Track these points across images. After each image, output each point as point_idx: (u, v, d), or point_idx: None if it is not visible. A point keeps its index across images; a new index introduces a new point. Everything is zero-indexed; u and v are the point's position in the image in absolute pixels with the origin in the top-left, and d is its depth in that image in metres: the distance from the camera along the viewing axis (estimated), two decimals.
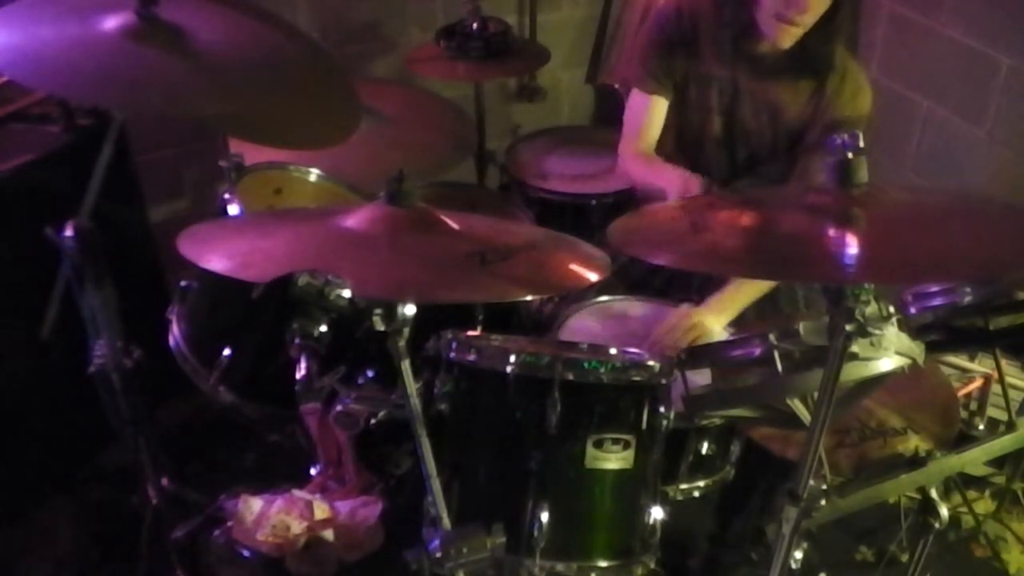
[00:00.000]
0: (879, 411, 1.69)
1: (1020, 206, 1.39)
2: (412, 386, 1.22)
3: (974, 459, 1.52)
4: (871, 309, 1.15)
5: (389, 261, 1.35)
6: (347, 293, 1.18)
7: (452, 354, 1.40)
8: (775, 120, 2.06)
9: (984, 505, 2.45)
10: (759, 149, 2.11)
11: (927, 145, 2.79)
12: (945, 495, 1.77)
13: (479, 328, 1.68)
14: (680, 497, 1.62)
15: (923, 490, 1.43)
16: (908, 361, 1.28)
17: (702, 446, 1.65)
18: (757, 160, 2.12)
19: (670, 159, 2.19)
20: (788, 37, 1.92)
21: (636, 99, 2.18)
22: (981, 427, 2.32)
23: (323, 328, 1.20)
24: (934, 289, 1.43)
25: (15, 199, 2.03)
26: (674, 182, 1.97)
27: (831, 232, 1.18)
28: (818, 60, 1.97)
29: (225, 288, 1.57)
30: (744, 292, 1.95)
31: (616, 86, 3.11)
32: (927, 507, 1.42)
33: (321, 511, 1.53)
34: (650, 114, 2.16)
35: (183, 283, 1.78)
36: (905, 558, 2.18)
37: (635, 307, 1.97)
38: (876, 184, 1.24)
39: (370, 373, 1.45)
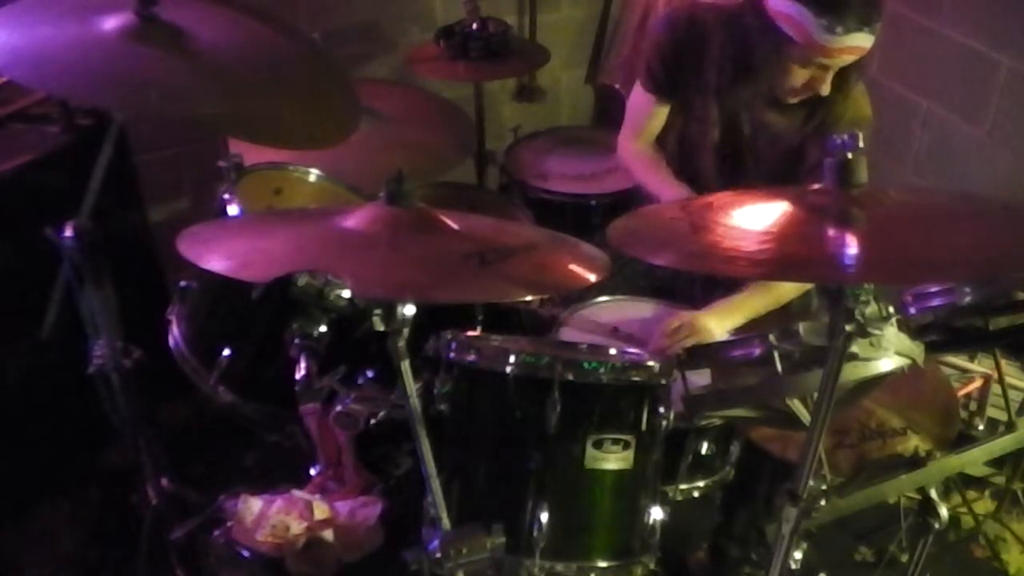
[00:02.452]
0: (879, 411, 1.69)
1: (1020, 206, 1.39)
2: (412, 386, 1.22)
3: (974, 459, 1.53)
4: (871, 309, 1.15)
5: (389, 261, 1.35)
6: (347, 293, 1.18)
7: (452, 354, 1.41)
8: (772, 138, 2.03)
9: (984, 505, 2.45)
10: (756, 164, 2.09)
11: (927, 145, 2.79)
12: (945, 495, 1.77)
13: (479, 328, 1.68)
14: (680, 497, 1.62)
15: (923, 490, 1.43)
16: (908, 361, 1.28)
17: (702, 446, 1.65)
18: (754, 174, 2.10)
19: (670, 163, 2.19)
20: (796, 99, 1.92)
21: (639, 96, 2.17)
22: (981, 427, 2.32)
23: (323, 328, 1.20)
24: (934, 289, 1.43)
25: (15, 199, 2.03)
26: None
27: (831, 232, 1.18)
28: (823, 103, 1.93)
29: (225, 288, 1.57)
30: (754, 301, 1.92)
31: (616, 86, 3.11)
32: (927, 507, 1.42)
33: (321, 511, 1.53)
34: (652, 113, 2.15)
35: (183, 283, 1.78)
36: (905, 558, 2.17)
37: (637, 308, 1.97)
38: (876, 184, 1.24)
39: (370, 373, 1.45)
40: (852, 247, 1.15)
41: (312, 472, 1.61)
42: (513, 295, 1.48)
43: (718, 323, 1.88)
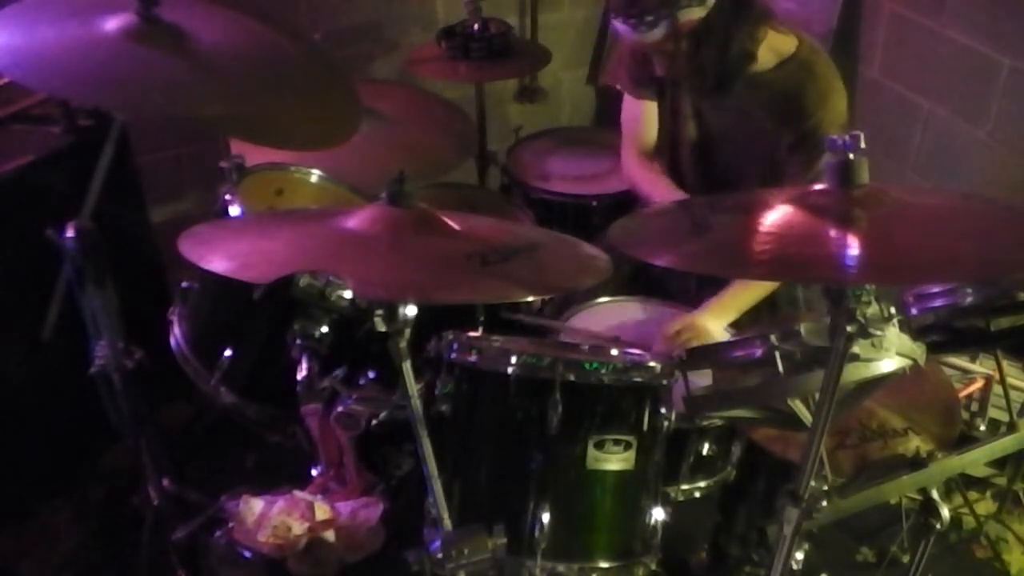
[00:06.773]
0: (880, 412, 1.69)
1: (1021, 207, 1.39)
2: (413, 387, 1.22)
3: (975, 460, 1.52)
4: (872, 310, 1.15)
5: (390, 262, 1.35)
6: (348, 294, 1.19)
7: (453, 355, 1.41)
8: (745, 124, 2.01)
9: (985, 506, 2.44)
10: (734, 155, 2.08)
11: (928, 146, 2.79)
12: (946, 496, 1.77)
13: (481, 329, 1.68)
14: (681, 498, 1.62)
15: (924, 491, 1.42)
16: (909, 362, 1.28)
17: (703, 447, 1.65)
18: (734, 167, 2.10)
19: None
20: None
21: (629, 104, 2.20)
22: (982, 428, 2.32)
23: (324, 329, 1.20)
24: (935, 290, 1.43)
25: (16, 200, 2.03)
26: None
27: (832, 233, 1.18)
28: (795, 105, 1.90)
29: (226, 289, 1.57)
30: (744, 294, 1.94)
31: (618, 86, 3.11)
32: (928, 508, 1.42)
33: (322, 512, 1.53)
34: (644, 118, 2.18)
35: (184, 284, 1.78)
36: (906, 559, 2.17)
37: (637, 309, 1.97)
38: (877, 185, 1.24)
39: (371, 374, 1.45)
40: (853, 248, 1.15)
41: (313, 473, 1.61)
42: (515, 295, 1.48)
43: (715, 322, 1.89)
